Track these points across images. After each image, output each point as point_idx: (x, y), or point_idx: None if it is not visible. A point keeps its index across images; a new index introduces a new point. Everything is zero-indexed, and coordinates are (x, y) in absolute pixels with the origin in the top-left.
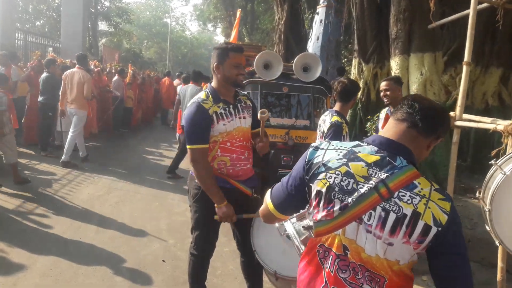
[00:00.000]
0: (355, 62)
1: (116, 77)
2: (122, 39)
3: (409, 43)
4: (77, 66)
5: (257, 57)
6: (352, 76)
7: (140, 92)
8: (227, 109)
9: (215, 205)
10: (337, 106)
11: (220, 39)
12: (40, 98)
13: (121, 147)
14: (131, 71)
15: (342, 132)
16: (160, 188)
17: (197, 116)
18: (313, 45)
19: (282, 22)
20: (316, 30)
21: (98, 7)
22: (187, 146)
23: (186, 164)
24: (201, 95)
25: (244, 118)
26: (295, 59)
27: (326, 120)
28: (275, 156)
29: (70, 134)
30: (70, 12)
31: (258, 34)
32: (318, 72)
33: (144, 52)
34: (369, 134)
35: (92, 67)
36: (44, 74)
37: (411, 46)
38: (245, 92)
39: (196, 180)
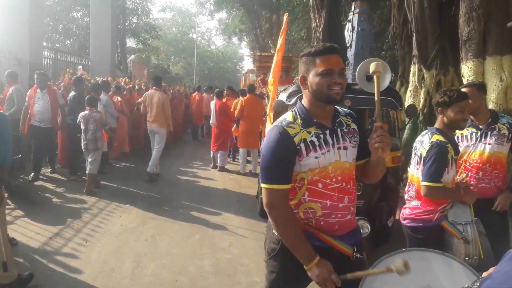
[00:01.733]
0: (414, 69)
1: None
2: (150, 55)
3: (484, 45)
4: (153, 88)
5: (359, 66)
6: (411, 85)
7: (172, 108)
8: (321, 136)
9: (304, 266)
10: (438, 123)
11: (245, 52)
12: (68, 119)
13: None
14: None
15: (447, 155)
16: (198, 215)
17: (278, 145)
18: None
19: (320, 30)
20: (349, 37)
21: (126, 24)
22: (262, 185)
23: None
24: (287, 116)
25: (346, 148)
26: (358, 67)
27: (424, 141)
28: None
29: (155, 150)
30: (99, 29)
31: (285, 45)
32: (386, 81)
33: (171, 68)
34: None
35: (122, 84)
36: (72, 93)
37: (487, 48)
38: (348, 110)
39: (274, 230)
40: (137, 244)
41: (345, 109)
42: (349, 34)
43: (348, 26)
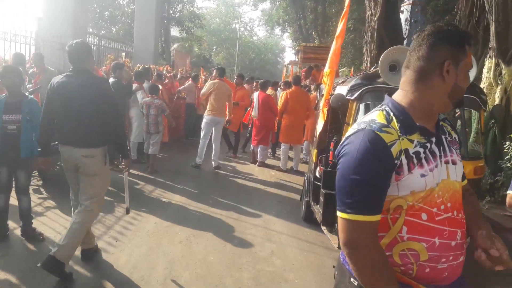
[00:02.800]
0: (490, 63)
1: (189, 82)
2: (193, 45)
3: None
4: (218, 78)
5: (383, 55)
6: (485, 81)
7: None
8: (427, 145)
9: None
10: None
11: (287, 43)
12: None
13: (192, 159)
14: (203, 77)
15: None
16: (237, 216)
17: (368, 158)
18: None
19: (375, 19)
20: (403, 29)
21: (171, 12)
22: (339, 214)
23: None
24: (375, 116)
25: (454, 163)
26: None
27: None
28: None
29: (216, 141)
30: (143, 17)
31: (330, 36)
32: (471, 74)
33: (213, 58)
34: (507, 157)
35: (164, 72)
36: (111, 80)
37: None
38: (443, 115)
39: (352, 279)
40: (170, 247)
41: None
42: (403, 25)
43: (401, 17)
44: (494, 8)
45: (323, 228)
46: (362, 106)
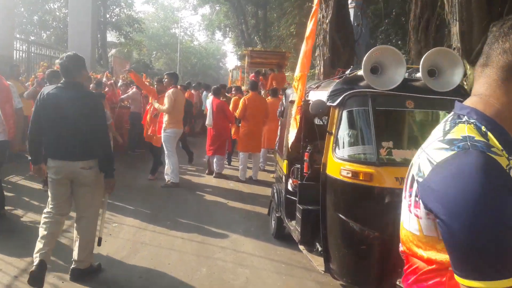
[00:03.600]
0: None
1: (133, 90)
2: (132, 50)
3: None
4: (173, 85)
5: (366, 56)
6: None
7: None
8: None
9: None
10: None
11: (228, 48)
12: None
13: (140, 173)
14: (146, 83)
15: None
16: (201, 238)
17: (499, 192)
18: None
19: (327, 21)
20: None
21: (108, 16)
22: (468, 283)
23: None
24: (466, 131)
25: None
26: (423, 58)
27: None
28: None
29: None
30: (78, 21)
31: (273, 41)
32: (457, 77)
33: (154, 64)
34: None
35: (104, 79)
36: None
37: None
38: None
39: None
40: (128, 283)
41: None
42: None
43: None
44: (458, 7)
45: (301, 247)
46: (345, 113)
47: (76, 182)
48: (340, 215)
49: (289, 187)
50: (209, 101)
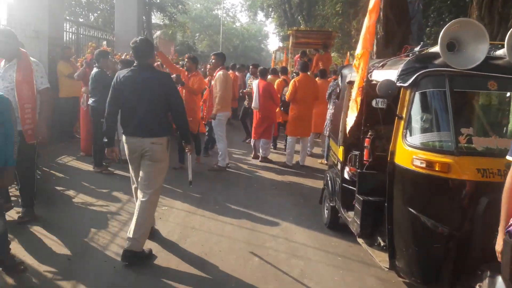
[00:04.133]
0: None
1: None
2: (177, 31)
3: None
4: (221, 66)
5: (443, 30)
6: None
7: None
8: None
9: None
10: None
11: (270, 29)
12: (90, 101)
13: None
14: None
15: None
16: (251, 225)
17: None
18: None
19: None
20: None
21: None
22: None
23: None
24: None
25: None
26: (509, 33)
27: None
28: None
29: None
30: (124, 3)
31: (317, 21)
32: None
33: (197, 45)
34: None
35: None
36: (94, 70)
37: None
38: None
39: None
40: (180, 268)
41: None
42: None
43: None
44: None
45: (360, 241)
46: (418, 95)
47: (145, 157)
48: (410, 209)
49: (346, 175)
50: (255, 83)
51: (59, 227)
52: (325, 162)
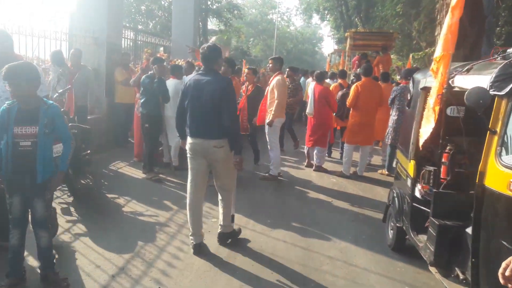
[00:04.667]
0: None
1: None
2: (232, 37)
3: None
4: (279, 71)
5: None
6: None
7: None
8: None
9: None
10: None
11: (324, 32)
12: (141, 107)
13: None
14: (245, 70)
15: None
16: (305, 243)
17: None
18: None
19: None
20: None
21: (209, 3)
22: None
23: None
24: None
25: None
26: None
27: None
28: None
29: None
30: (181, 10)
31: (375, 22)
32: None
33: (251, 50)
34: None
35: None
36: (143, 76)
37: None
38: None
39: None
40: None
41: None
42: None
43: None
44: None
45: (432, 269)
46: None
47: (209, 158)
48: (504, 243)
49: (417, 194)
50: (310, 87)
51: (107, 239)
52: (386, 172)
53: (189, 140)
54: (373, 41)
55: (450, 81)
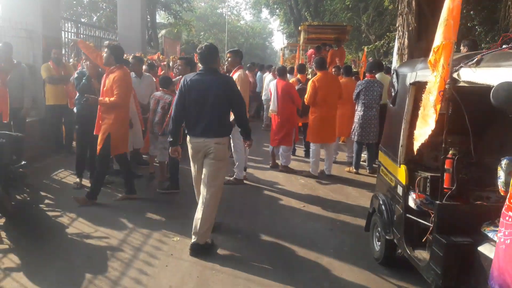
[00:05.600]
0: None
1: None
2: (182, 30)
3: None
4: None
5: None
6: None
7: None
8: None
9: None
10: None
11: (274, 26)
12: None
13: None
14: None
15: None
16: (284, 259)
17: None
18: None
19: None
20: None
21: None
22: None
23: None
24: None
25: None
26: None
27: None
28: None
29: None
30: (127, 2)
31: (325, 16)
32: None
33: (202, 44)
34: None
35: (155, 59)
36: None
37: None
38: None
39: None
40: None
41: None
42: None
43: None
44: None
45: None
46: None
47: (209, 156)
48: None
49: (411, 203)
50: (273, 83)
51: (46, 273)
52: (354, 170)
53: (190, 140)
54: (327, 34)
55: (455, 75)
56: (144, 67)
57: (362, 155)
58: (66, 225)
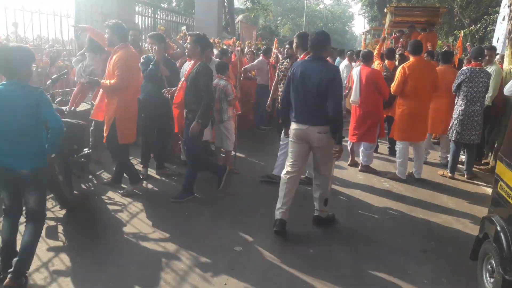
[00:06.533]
0: None
1: (260, 58)
2: (259, 15)
3: None
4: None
5: None
6: None
7: None
8: None
9: None
10: None
11: (355, 10)
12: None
13: (269, 157)
14: (275, 51)
15: None
16: (361, 276)
17: None
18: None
19: None
20: None
21: None
22: None
23: None
24: None
25: None
26: None
27: None
28: None
29: None
30: None
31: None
32: None
33: (279, 29)
34: None
35: (231, 44)
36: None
37: None
38: None
39: None
40: None
41: None
42: None
43: None
44: None
45: None
46: None
47: (312, 144)
48: None
49: None
50: (356, 70)
51: (93, 283)
52: (449, 174)
53: (293, 125)
54: (416, 17)
55: None
56: (216, 53)
57: (460, 156)
58: (125, 222)
